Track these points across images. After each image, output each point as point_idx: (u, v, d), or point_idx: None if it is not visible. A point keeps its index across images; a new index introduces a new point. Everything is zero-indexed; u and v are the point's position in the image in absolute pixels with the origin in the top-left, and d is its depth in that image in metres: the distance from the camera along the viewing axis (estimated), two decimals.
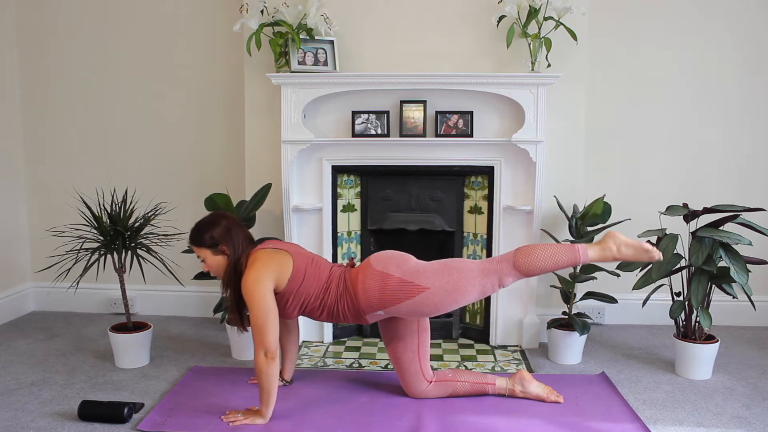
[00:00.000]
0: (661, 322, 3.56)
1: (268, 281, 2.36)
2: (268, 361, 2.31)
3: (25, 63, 3.83)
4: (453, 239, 3.42)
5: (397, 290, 2.40)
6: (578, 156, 3.36)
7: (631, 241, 2.43)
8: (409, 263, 2.49)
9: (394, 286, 2.41)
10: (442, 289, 2.39)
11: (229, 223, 2.51)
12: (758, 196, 3.55)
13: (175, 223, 3.30)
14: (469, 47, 3.29)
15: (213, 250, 2.48)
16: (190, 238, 2.53)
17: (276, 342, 2.33)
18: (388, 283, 2.41)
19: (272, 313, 2.34)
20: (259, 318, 2.32)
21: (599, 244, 2.45)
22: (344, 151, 3.29)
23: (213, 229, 2.48)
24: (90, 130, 3.84)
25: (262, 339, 2.31)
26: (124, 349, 2.99)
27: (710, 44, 3.56)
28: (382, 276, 2.43)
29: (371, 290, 2.42)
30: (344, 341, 3.41)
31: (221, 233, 2.47)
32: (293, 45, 3.14)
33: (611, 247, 2.43)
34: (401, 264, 2.47)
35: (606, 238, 2.45)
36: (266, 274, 2.37)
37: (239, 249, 2.48)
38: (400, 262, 2.48)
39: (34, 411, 2.53)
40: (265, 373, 2.32)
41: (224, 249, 2.47)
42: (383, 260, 2.50)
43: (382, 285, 2.42)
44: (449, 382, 2.62)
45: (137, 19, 3.73)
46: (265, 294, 2.34)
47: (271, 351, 2.31)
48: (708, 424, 2.45)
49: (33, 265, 3.90)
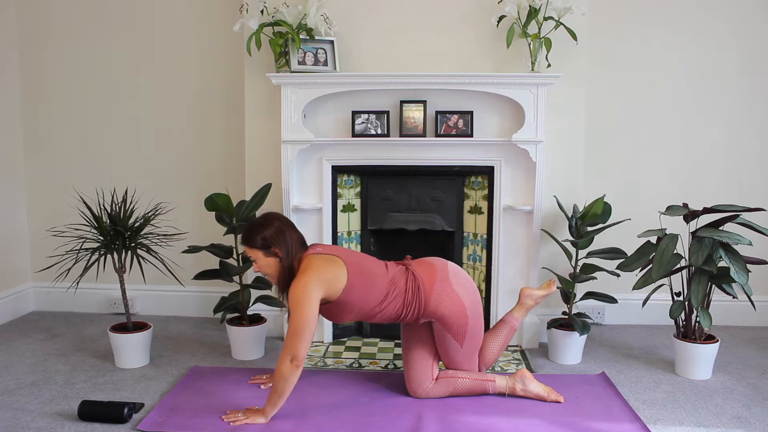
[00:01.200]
0: (661, 322, 3.56)
1: (317, 290, 2.35)
2: (292, 368, 2.30)
3: (24, 63, 3.83)
4: (453, 239, 3.42)
5: (459, 325, 2.55)
6: (578, 156, 3.36)
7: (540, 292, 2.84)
8: (480, 317, 2.63)
9: (459, 322, 2.55)
10: (465, 353, 2.63)
11: (282, 225, 2.50)
12: (758, 196, 3.55)
13: (175, 223, 3.30)
14: (469, 47, 3.29)
15: (265, 251, 2.47)
16: (242, 238, 2.52)
17: (306, 352, 2.32)
18: (458, 317, 2.54)
19: (312, 324, 2.33)
20: (298, 325, 2.30)
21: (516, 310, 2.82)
22: (344, 151, 3.29)
23: (265, 230, 2.46)
24: (90, 130, 3.84)
25: (293, 345, 2.30)
26: (124, 349, 2.99)
27: (710, 44, 3.56)
28: (459, 307, 2.55)
29: (444, 309, 2.53)
30: (344, 341, 3.41)
31: (273, 235, 2.46)
32: (293, 45, 3.14)
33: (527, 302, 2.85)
34: (477, 310, 2.61)
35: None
36: (318, 283, 2.36)
37: (292, 252, 2.46)
38: (477, 304, 2.62)
39: (34, 411, 2.53)
40: (286, 378, 2.31)
41: (276, 251, 2.45)
42: (463, 285, 2.60)
43: (453, 312, 2.54)
44: (450, 378, 2.63)
45: (137, 19, 3.73)
46: (312, 303, 2.33)
47: (299, 359, 2.30)
48: (708, 424, 2.45)
49: (33, 265, 3.90)
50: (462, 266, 3.42)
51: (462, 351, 2.60)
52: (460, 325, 2.55)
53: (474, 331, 2.59)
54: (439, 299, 2.51)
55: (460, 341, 2.57)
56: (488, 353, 2.72)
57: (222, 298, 3.21)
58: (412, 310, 2.51)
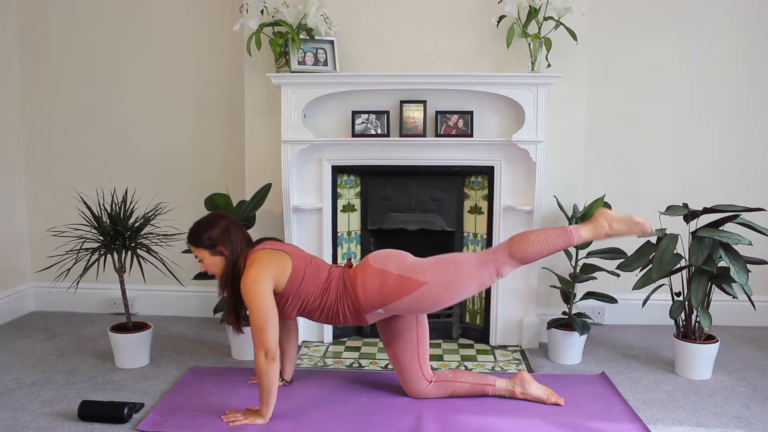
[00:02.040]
0: (661, 322, 3.56)
1: (267, 282, 2.36)
2: (268, 362, 2.30)
3: (25, 63, 3.83)
4: (453, 239, 3.42)
5: (396, 286, 2.40)
6: (578, 156, 3.36)
7: (621, 216, 2.45)
8: (407, 260, 2.49)
9: (392, 283, 2.41)
10: (440, 282, 2.39)
11: (228, 224, 2.51)
12: (758, 196, 3.55)
13: (175, 223, 3.29)
14: (469, 47, 3.29)
15: (211, 250, 2.47)
16: (188, 238, 2.52)
17: (276, 343, 2.33)
18: (386, 280, 2.42)
19: (272, 314, 2.34)
20: (258, 318, 2.31)
21: (590, 223, 2.46)
22: (344, 151, 3.29)
23: (211, 229, 2.47)
24: (90, 130, 3.84)
25: (261, 339, 2.31)
26: (124, 349, 2.99)
27: (710, 44, 3.56)
28: (380, 273, 2.43)
29: (370, 288, 2.42)
30: (344, 341, 3.41)
31: (219, 234, 2.47)
32: (293, 45, 3.14)
33: (603, 223, 2.44)
34: (399, 261, 2.48)
35: (597, 216, 2.46)
36: (265, 275, 2.37)
37: (237, 250, 2.47)
38: (397, 258, 2.49)
39: (34, 411, 2.53)
40: (266, 373, 2.32)
41: (222, 250, 2.46)
42: (381, 258, 2.50)
43: (381, 282, 2.42)
44: (449, 382, 2.62)
45: (137, 19, 3.73)
46: (265, 294, 2.34)
47: (271, 351, 2.30)
48: (708, 424, 2.45)
49: (33, 265, 3.90)
50: None
51: (430, 287, 2.38)
52: (397, 285, 2.39)
53: (424, 267, 2.42)
54: (364, 281, 2.44)
55: (415, 288, 2.38)
56: (523, 244, 2.41)
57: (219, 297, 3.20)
58: (346, 302, 2.46)
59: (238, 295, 2.43)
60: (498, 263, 2.42)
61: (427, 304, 2.43)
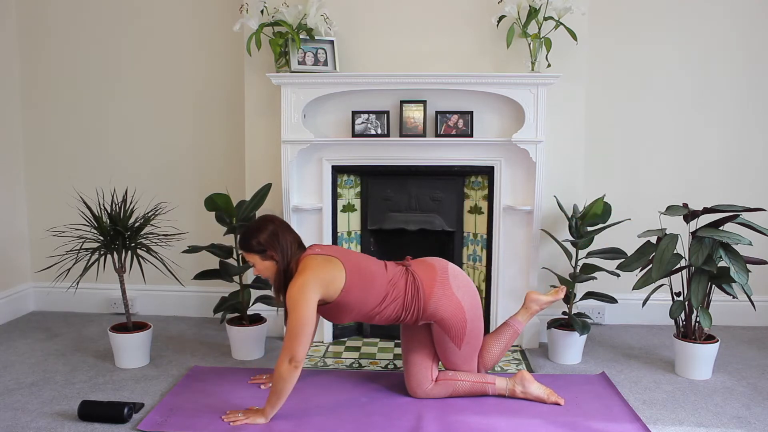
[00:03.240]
0: (661, 322, 3.56)
1: (314, 291, 2.35)
2: (290, 369, 2.30)
3: (25, 63, 3.83)
4: (453, 239, 3.42)
5: (457, 327, 2.55)
6: (578, 156, 3.36)
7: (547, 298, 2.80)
8: (480, 319, 2.63)
9: (458, 324, 2.55)
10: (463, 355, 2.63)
11: (276, 228, 2.49)
12: (758, 196, 3.55)
13: (175, 223, 3.30)
14: (469, 47, 3.29)
15: (261, 255, 2.47)
16: (239, 243, 2.53)
17: (305, 353, 2.33)
18: (457, 319, 2.54)
19: (310, 324, 2.33)
20: (296, 326, 2.30)
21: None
22: (344, 151, 3.29)
23: (259, 234, 2.46)
24: (90, 130, 3.84)
25: (292, 346, 2.30)
26: (124, 349, 2.99)
27: (710, 44, 3.56)
28: (456, 308, 2.54)
29: (442, 311, 2.54)
30: (344, 341, 3.41)
31: (268, 238, 2.46)
32: (293, 45, 3.14)
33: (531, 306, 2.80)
34: (476, 314, 2.61)
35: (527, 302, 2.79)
36: (315, 284, 2.36)
37: (288, 254, 2.47)
38: (477, 308, 2.62)
39: (34, 411, 2.53)
40: (285, 379, 2.31)
41: (272, 254, 2.46)
42: (462, 288, 2.59)
43: (452, 314, 2.54)
44: (450, 380, 2.63)
45: (137, 19, 3.73)
46: (309, 304, 2.33)
47: (297, 360, 2.30)
48: (708, 424, 2.45)
49: (33, 265, 3.90)
50: (462, 266, 3.42)
51: (460, 353, 2.60)
52: (459, 327, 2.55)
53: (473, 334, 2.59)
54: (438, 302, 2.51)
55: (458, 344, 2.57)
56: (489, 355, 2.71)
57: (222, 298, 3.21)
58: (411, 312, 2.51)
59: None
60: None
61: (451, 345, 2.60)
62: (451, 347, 2.58)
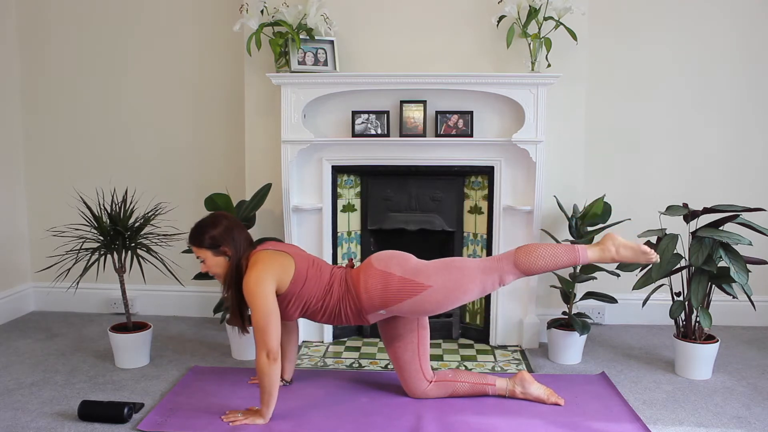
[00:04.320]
0: (661, 322, 3.56)
1: (270, 282, 2.36)
2: (269, 362, 2.30)
3: (25, 63, 3.83)
4: (453, 239, 3.42)
5: (399, 289, 2.41)
6: (578, 156, 3.36)
7: (629, 243, 2.45)
8: (410, 262, 2.49)
9: (396, 285, 2.41)
10: (444, 287, 2.40)
11: (230, 224, 2.50)
12: (758, 196, 3.55)
13: (175, 223, 3.30)
14: (469, 47, 3.29)
15: (213, 251, 2.47)
16: (189, 238, 2.52)
17: (278, 343, 2.33)
18: (389, 282, 2.42)
19: (274, 314, 2.34)
20: (261, 319, 2.31)
21: (598, 245, 2.47)
22: (344, 151, 3.29)
23: (213, 229, 2.47)
24: (90, 130, 3.84)
25: (264, 340, 2.31)
26: (124, 349, 2.99)
27: (710, 44, 3.56)
28: (383, 275, 2.44)
29: (373, 290, 2.43)
30: (344, 341, 3.41)
31: (222, 234, 2.46)
32: (293, 45, 3.14)
33: (610, 248, 2.45)
34: (402, 263, 2.48)
35: (605, 240, 2.47)
36: (268, 275, 2.37)
37: (240, 250, 2.47)
38: (401, 261, 2.49)
39: (34, 411, 2.53)
40: (267, 374, 2.32)
41: (225, 250, 2.46)
42: (384, 259, 2.50)
43: (384, 284, 2.42)
44: (449, 382, 2.62)
45: (137, 19, 3.73)
46: (267, 295, 2.34)
47: (273, 352, 2.30)
48: (708, 424, 2.45)
49: (33, 265, 3.90)
50: None
51: (434, 290, 2.39)
52: (405, 288, 2.40)
53: (423, 271, 2.43)
54: (366, 284, 2.44)
55: (418, 290, 2.39)
56: (532, 255, 2.42)
57: (222, 298, 3.20)
58: (348, 303, 2.46)
59: (241, 296, 2.43)
60: (502, 271, 2.43)
61: (429, 307, 2.43)
62: (422, 299, 2.40)
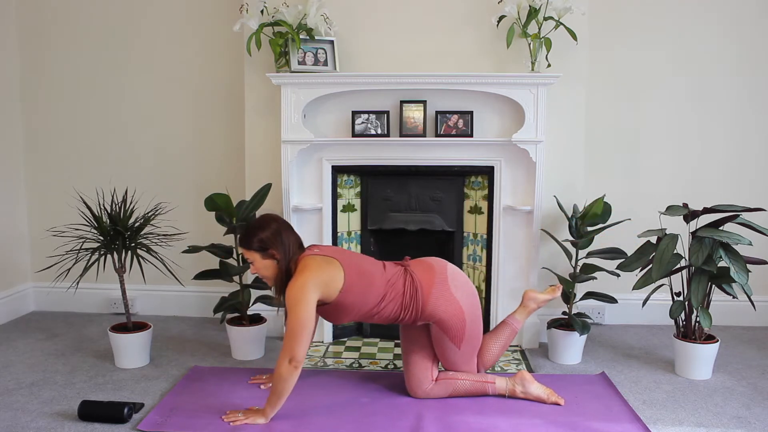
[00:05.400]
0: (661, 322, 3.56)
1: (314, 290, 2.35)
2: (291, 369, 2.30)
3: (25, 63, 3.83)
4: (453, 239, 3.42)
5: (456, 328, 2.55)
6: (578, 156, 3.36)
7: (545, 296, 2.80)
8: (477, 311, 2.63)
9: (456, 324, 2.55)
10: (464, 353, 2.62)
11: (279, 227, 2.49)
12: (758, 196, 3.55)
13: (175, 223, 3.30)
14: (469, 47, 3.29)
15: (262, 253, 2.46)
16: (239, 240, 2.52)
17: (304, 353, 2.32)
18: (456, 316, 2.54)
19: (310, 324, 2.33)
20: (296, 326, 2.30)
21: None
22: (344, 151, 3.29)
23: (262, 232, 2.46)
24: (90, 130, 3.84)
25: (292, 346, 2.30)
26: (124, 349, 2.99)
27: (710, 44, 3.56)
28: (456, 310, 2.54)
29: (441, 312, 2.53)
30: (344, 341, 3.41)
31: (270, 237, 2.45)
32: (293, 45, 3.14)
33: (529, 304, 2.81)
34: (474, 310, 2.61)
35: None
36: (314, 284, 2.36)
37: (289, 253, 2.46)
38: (475, 302, 2.63)
39: (34, 411, 2.53)
40: (285, 379, 2.31)
41: (273, 253, 2.45)
42: (461, 291, 2.59)
43: (450, 315, 2.53)
44: (450, 379, 2.63)
45: (137, 19, 3.73)
46: (308, 303, 2.33)
47: (297, 360, 2.30)
48: (708, 424, 2.45)
49: (33, 265, 3.90)
50: (462, 266, 3.42)
51: (460, 353, 2.60)
52: (458, 328, 2.55)
53: (472, 334, 2.59)
54: (437, 302, 2.51)
55: (457, 344, 2.57)
56: (488, 354, 2.72)
57: (222, 298, 3.21)
58: (409, 312, 2.51)
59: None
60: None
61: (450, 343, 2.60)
62: (451, 347, 2.58)
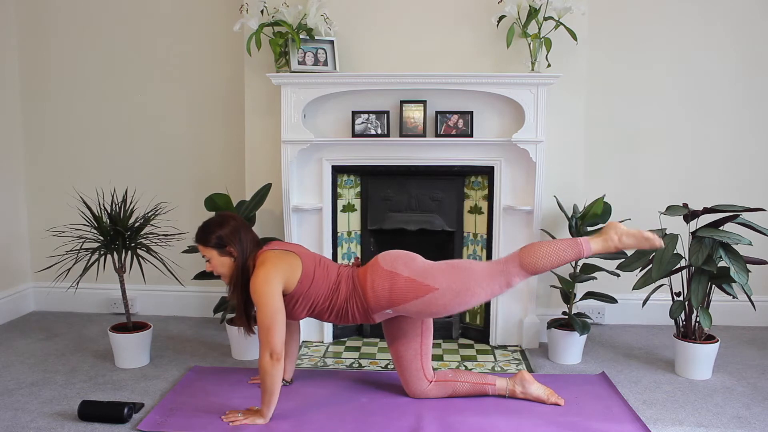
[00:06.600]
0: (661, 322, 3.56)
1: (277, 282, 2.36)
2: (273, 363, 2.30)
3: (25, 63, 3.83)
4: (453, 239, 3.42)
5: (406, 289, 2.41)
6: (578, 156, 3.36)
7: (632, 231, 2.47)
8: (417, 262, 2.50)
9: (402, 285, 2.42)
10: (451, 289, 2.40)
11: (237, 224, 2.50)
12: (758, 196, 3.55)
13: (175, 223, 3.30)
14: (468, 47, 3.29)
15: (219, 250, 2.46)
16: (196, 237, 2.51)
17: (282, 344, 2.32)
18: (396, 282, 2.43)
19: (280, 315, 2.33)
20: (266, 319, 2.31)
21: (601, 236, 2.48)
22: (344, 151, 3.29)
23: (220, 229, 2.46)
24: (90, 130, 3.84)
25: (268, 340, 2.30)
26: (124, 349, 2.99)
27: (710, 44, 3.56)
28: (390, 275, 2.44)
29: (380, 289, 2.43)
30: (344, 341, 3.41)
31: (229, 234, 2.46)
32: (293, 45, 3.14)
33: (613, 237, 2.46)
34: (409, 263, 2.48)
35: (607, 229, 2.49)
36: (276, 275, 2.36)
37: (247, 251, 2.47)
38: (407, 260, 2.50)
39: (34, 411, 2.53)
40: (269, 374, 2.31)
41: (231, 250, 2.46)
42: (391, 259, 2.51)
43: (391, 284, 2.43)
44: (449, 382, 2.62)
45: (137, 19, 3.73)
46: (274, 295, 2.34)
47: (277, 352, 2.30)
48: (708, 424, 2.45)
49: (33, 265, 3.90)
50: None
51: (441, 291, 2.39)
52: (413, 288, 2.40)
53: (432, 272, 2.43)
54: (374, 282, 2.45)
55: (426, 291, 2.39)
56: (537, 254, 2.43)
57: (222, 298, 3.21)
58: (355, 302, 2.47)
59: (247, 296, 2.43)
60: (509, 274, 2.44)
61: (435, 308, 2.44)
62: (430, 300, 2.40)
